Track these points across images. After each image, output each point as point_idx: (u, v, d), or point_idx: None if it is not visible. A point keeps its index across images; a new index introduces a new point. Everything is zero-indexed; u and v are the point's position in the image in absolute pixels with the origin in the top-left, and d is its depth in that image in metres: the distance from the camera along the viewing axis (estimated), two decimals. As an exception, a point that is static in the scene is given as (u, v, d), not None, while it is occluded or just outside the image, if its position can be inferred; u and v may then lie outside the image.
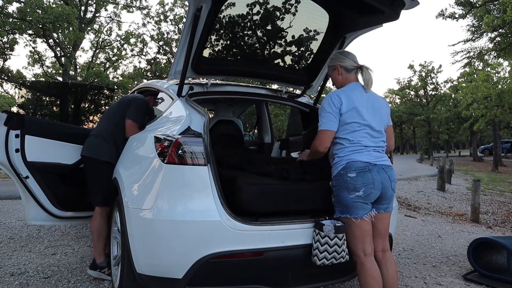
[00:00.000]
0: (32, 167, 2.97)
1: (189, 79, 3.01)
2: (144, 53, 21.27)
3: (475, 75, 24.54)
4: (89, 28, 18.16)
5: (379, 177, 2.20)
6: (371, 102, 2.30)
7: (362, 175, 2.16)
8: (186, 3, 15.20)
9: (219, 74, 2.91)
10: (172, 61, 2.78)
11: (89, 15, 18.12)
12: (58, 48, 16.57)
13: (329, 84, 30.30)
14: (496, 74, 22.96)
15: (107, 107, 7.22)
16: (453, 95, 36.24)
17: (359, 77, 2.36)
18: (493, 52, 12.98)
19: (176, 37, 20.45)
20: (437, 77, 56.70)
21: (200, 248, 2.01)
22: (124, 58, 20.83)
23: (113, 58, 20.17)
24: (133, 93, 3.81)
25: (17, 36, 14.73)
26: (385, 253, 2.35)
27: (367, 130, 2.25)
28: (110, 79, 18.69)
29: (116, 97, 17.32)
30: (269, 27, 2.78)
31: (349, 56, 2.36)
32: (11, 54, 15.33)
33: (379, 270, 2.23)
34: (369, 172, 2.17)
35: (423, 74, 40.49)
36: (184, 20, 4.60)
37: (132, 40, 20.19)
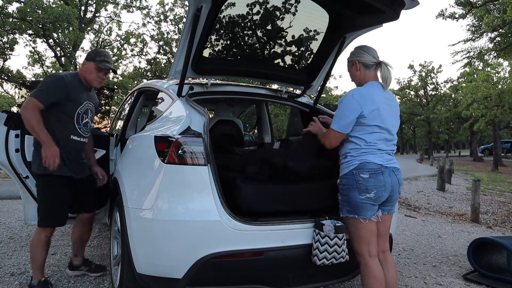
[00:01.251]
0: (32, 167, 2.95)
1: (189, 79, 3.01)
2: (144, 53, 21.24)
3: (475, 75, 24.50)
4: (89, 28, 18.14)
5: (390, 180, 2.19)
6: (390, 104, 2.26)
7: (375, 177, 2.14)
8: (186, 3, 15.19)
9: (219, 74, 2.91)
10: (172, 61, 2.77)
11: (89, 15, 18.11)
12: (58, 48, 16.56)
13: (329, 84, 30.32)
14: (496, 74, 22.94)
15: (107, 107, 7.21)
16: (453, 95, 36.19)
17: (378, 73, 2.28)
18: (493, 52, 12.98)
19: (176, 37, 20.41)
20: (437, 77, 56.65)
21: (200, 248, 2.01)
22: (124, 58, 20.80)
23: (113, 58, 20.10)
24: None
25: (17, 36, 14.74)
26: (385, 253, 2.35)
27: (385, 134, 2.22)
28: (110, 79, 18.65)
29: (116, 97, 17.34)
30: (269, 27, 2.78)
31: (369, 52, 2.29)
32: (11, 54, 15.33)
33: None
34: (382, 174, 2.16)
35: (423, 74, 40.43)
36: (184, 20, 4.60)
37: (132, 40, 20.15)
